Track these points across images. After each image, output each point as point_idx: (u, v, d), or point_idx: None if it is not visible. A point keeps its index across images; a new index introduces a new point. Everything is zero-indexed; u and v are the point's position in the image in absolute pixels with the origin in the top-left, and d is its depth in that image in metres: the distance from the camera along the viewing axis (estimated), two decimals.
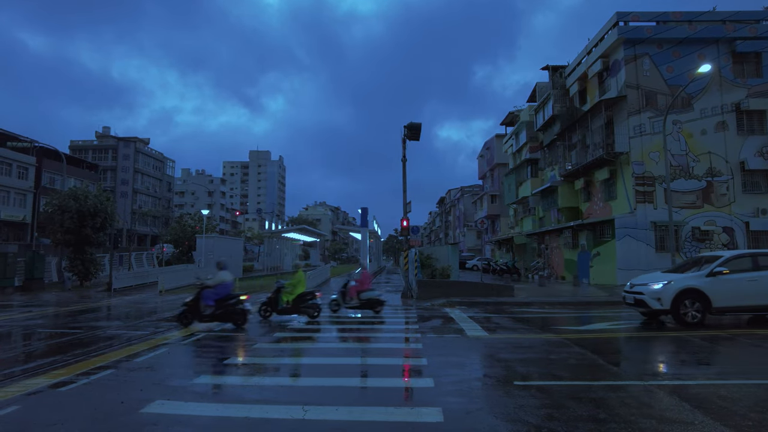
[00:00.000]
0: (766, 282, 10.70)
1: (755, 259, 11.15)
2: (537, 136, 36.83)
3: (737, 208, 23.66)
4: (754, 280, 10.72)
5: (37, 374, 6.58)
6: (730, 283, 10.73)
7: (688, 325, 10.61)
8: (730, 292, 10.71)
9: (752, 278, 10.75)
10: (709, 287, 10.69)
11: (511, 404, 5.13)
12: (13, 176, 45.46)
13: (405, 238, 20.52)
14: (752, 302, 10.75)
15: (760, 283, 10.70)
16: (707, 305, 10.69)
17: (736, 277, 10.77)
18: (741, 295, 10.73)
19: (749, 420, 4.60)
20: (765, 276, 10.77)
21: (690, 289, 10.76)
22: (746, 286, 10.70)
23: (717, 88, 24.23)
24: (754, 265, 10.99)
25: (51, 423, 4.64)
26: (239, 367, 7.09)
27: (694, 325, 10.59)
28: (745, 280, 10.73)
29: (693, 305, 10.72)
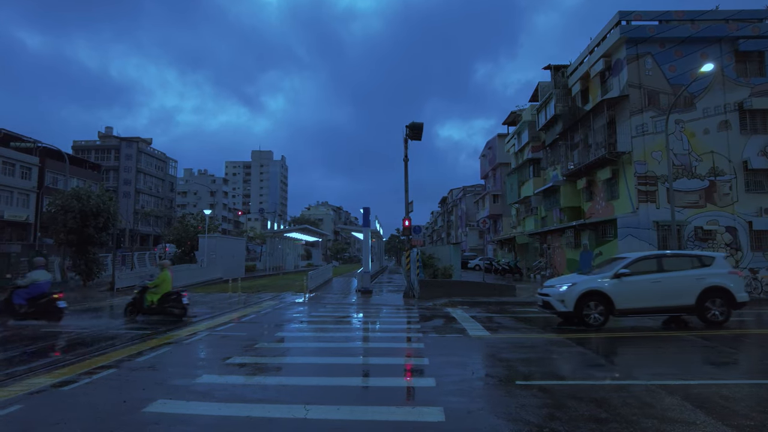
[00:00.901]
0: (668, 283, 10.65)
1: (660, 260, 11.13)
2: (539, 136, 36.78)
3: (740, 208, 23.58)
4: (658, 282, 10.67)
5: (39, 373, 6.60)
6: (633, 284, 10.68)
7: (591, 327, 10.56)
8: (633, 293, 10.63)
9: (655, 280, 10.69)
10: (612, 289, 10.63)
11: (512, 404, 5.13)
12: (17, 176, 45.61)
13: (407, 238, 20.52)
14: (654, 303, 10.67)
15: (662, 284, 10.65)
16: (610, 307, 10.63)
17: (639, 278, 10.71)
18: (643, 297, 10.65)
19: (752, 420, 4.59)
20: (668, 277, 10.74)
21: (593, 291, 10.70)
22: (649, 288, 10.63)
23: (720, 87, 24.15)
24: (659, 266, 10.97)
25: (53, 422, 4.66)
26: (241, 367, 7.10)
27: (596, 326, 10.54)
28: (648, 281, 10.68)
29: (596, 307, 10.65)
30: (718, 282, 10.55)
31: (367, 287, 20.52)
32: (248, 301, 17.51)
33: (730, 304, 10.58)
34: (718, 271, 10.76)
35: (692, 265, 10.97)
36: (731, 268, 10.94)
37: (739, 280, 10.81)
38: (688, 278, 10.64)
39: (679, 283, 10.62)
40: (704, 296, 10.52)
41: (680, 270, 10.86)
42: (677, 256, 11.44)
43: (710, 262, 10.99)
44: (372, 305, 16.17)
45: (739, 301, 10.62)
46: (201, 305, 16.52)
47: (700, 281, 10.57)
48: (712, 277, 10.62)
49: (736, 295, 10.56)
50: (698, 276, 10.67)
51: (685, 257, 11.38)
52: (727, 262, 11.08)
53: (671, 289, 10.58)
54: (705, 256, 11.31)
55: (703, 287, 10.51)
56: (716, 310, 10.53)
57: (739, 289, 10.66)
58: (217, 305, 16.37)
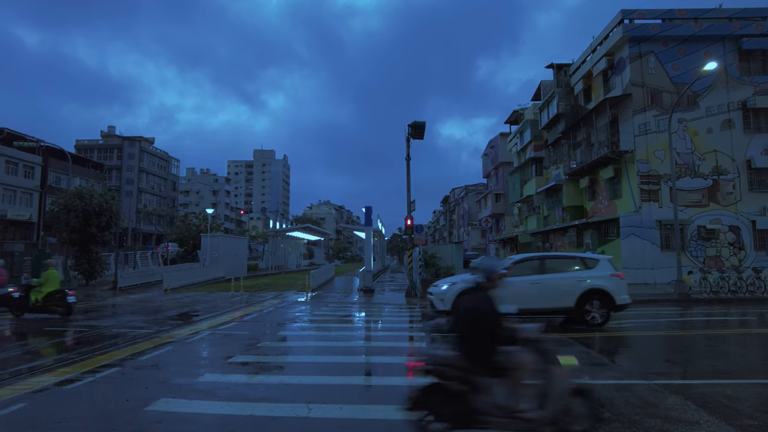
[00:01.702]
0: (548, 285, 10.59)
1: (542, 262, 11.12)
2: (541, 135, 36.72)
3: (743, 207, 23.51)
4: (538, 283, 10.61)
5: (43, 372, 6.63)
6: (513, 286, 10.46)
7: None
8: (512, 295, 10.55)
9: (535, 281, 10.65)
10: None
11: None
12: (20, 175, 45.73)
13: (409, 237, 20.52)
14: (534, 305, 10.51)
15: (542, 286, 10.58)
16: None
17: (519, 279, 10.57)
18: (522, 298, 10.42)
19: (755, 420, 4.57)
20: (548, 279, 10.69)
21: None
22: (528, 289, 10.54)
23: (723, 85, 24.07)
24: (541, 268, 10.95)
25: (57, 420, 4.67)
26: (244, 366, 7.11)
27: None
28: (528, 282, 10.60)
29: None
30: (599, 284, 10.45)
31: (369, 286, 20.53)
32: (250, 300, 17.54)
33: (610, 306, 10.48)
34: (600, 274, 10.64)
35: (575, 267, 10.95)
36: (614, 271, 10.81)
37: (620, 283, 10.63)
38: (568, 280, 10.62)
39: (559, 285, 10.60)
40: (584, 298, 10.43)
41: (562, 272, 10.86)
42: (560, 258, 11.53)
43: (593, 264, 10.86)
44: (374, 304, 16.18)
45: (619, 303, 10.47)
46: (203, 304, 16.56)
47: (580, 283, 10.51)
48: (593, 280, 10.54)
49: (616, 297, 10.42)
50: (579, 278, 10.61)
51: (568, 259, 11.42)
52: (610, 264, 10.95)
53: (551, 290, 10.55)
54: (588, 258, 11.23)
55: (583, 289, 10.42)
56: (595, 312, 10.45)
57: (619, 292, 10.49)
58: (219, 304, 16.41)
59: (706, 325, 11.42)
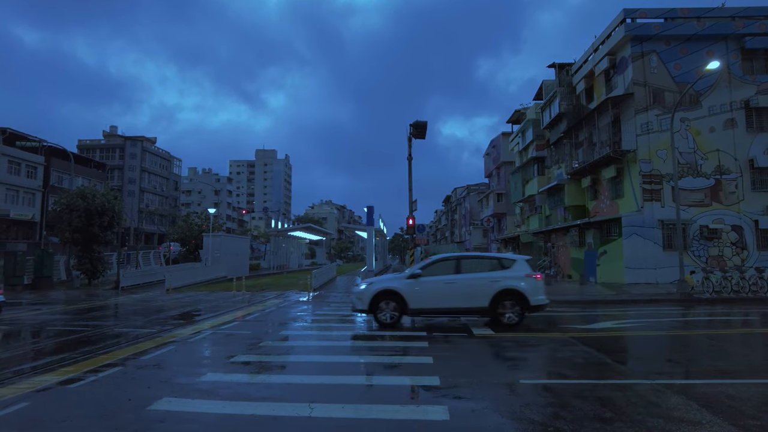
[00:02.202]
0: (463, 285, 10.65)
1: (459, 262, 11.15)
2: (543, 134, 36.67)
3: (746, 206, 23.44)
4: (451, 283, 10.68)
5: (46, 371, 6.65)
6: (428, 285, 10.74)
7: (385, 326, 10.64)
8: (426, 294, 10.68)
9: (450, 281, 10.71)
10: (406, 289, 10.71)
11: (516, 403, 5.12)
12: (22, 175, 45.86)
13: (411, 237, 20.52)
14: (448, 304, 10.68)
15: (457, 285, 10.65)
16: (404, 306, 10.70)
17: (434, 279, 10.76)
18: (436, 297, 10.70)
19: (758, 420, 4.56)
20: (461, 279, 10.74)
21: (388, 291, 10.79)
22: (442, 289, 10.65)
23: (726, 85, 24.00)
24: (457, 268, 10.98)
25: (60, 419, 4.69)
26: (246, 365, 7.12)
27: (390, 325, 10.63)
28: (442, 282, 10.70)
29: (389, 306, 10.72)
30: (513, 285, 10.51)
31: None
32: (252, 300, 17.57)
33: (524, 306, 10.55)
34: (515, 274, 10.69)
35: (491, 267, 10.96)
36: (530, 271, 10.83)
37: (535, 283, 10.68)
38: (483, 280, 10.66)
39: (473, 285, 10.64)
40: (498, 299, 10.50)
41: (477, 272, 10.89)
42: (477, 258, 11.59)
43: (510, 265, 10.91)
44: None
45: (533, 304, 10.53)
46: (205, 303, 16.59)
47: (494, 284, 10.55)
48: (507, 280, 10.58)
49: (530, 298, 10.48)
50: (493, 278, 10.65)
51: (485, 259, 11.44)
52: (527, 265, 10.97)
53: (466, 290, 10.61)
54: (505, 258, 11.26)
55: (497, 290, 10.49)
56: (509, 312, 10.53)
57: (533, 292, 10.54)
58: (221, 304, 16.43)
59: (709, 324, 11.39)
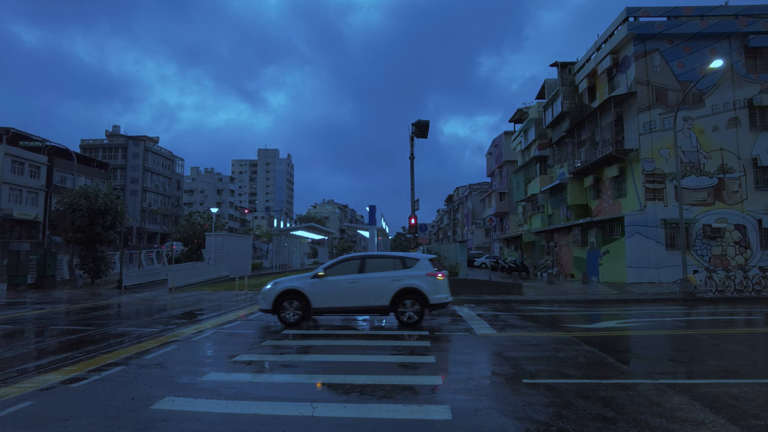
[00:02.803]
0: (365, 284, 10.76)
1: (363, 262, 11.24)
2: (546, 134, 36.61)
3: (749, 206, 23.37)
4: (354, 282, 10.80)
5: (49, 370, 6.68)
6: (331, 284, 10.88)
7: (289, 325, 10.74)
8: (329, 293, 10.83)
9: (352, 280, 10.83)
10: (310, 288, 10.85)
11: (519, 402, 5.12)
12: (26, 175, 46.04)
13: (413, 236, 20.51)
14: (351, 303, 10.80)
15: (359, 285, 10.77)
16: (307, 306, 10.81)
17: (337, 279, 10.90)
18: (340, 297, 10.83)
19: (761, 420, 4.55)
20: (364, 278, 10.84)
21: (292, 290, 10.91)
22: (345, 288, 10.79)
23: (729, 83, 23.92)
24: (360, 268, 11.06)
25: (63, 418, 4.71)
26: (248, 364, 7.13)
27: (293, 324, 10.75)
28: (345, 282, 10.83)
29: (292, 305, 10.84)
30: (413, 284, 10.61)
31: None
32: (255, 299, 17.58)
33: (424, 305, 10.63)
34: (416, 273, 10.77)
35: (394, 267, 11.03)
36: (432, 270, 10.87)
37: (436, 282, 10.74)
38: (384, 279, 10.75)
39: (375, 284, 10.75)
40: (398, 297, 10.61)
41: (380, 271, 10.97)
42: (381, 258, 11.66)
43: (412, 264, 10.98)
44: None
45: (432, 302, 10.61)
46: (207, 303, 16.62)
47: (396, 283, 10.65)
48: (408, 279, 10.68)
49: (430, 296, 10.57)
50: (395, 277, 10.74)
51: (389, 259, 11.49)
52: (430, 264, 11.02)
53: (367, 289, 10.72)
54: (408, 258, 11.30)
55: (398, 288, 10.59)
56: (409, 311, 10.63)
57: (433, 291, 10.62)
58: (223, 303, 16.46)
59: (712, 324, 11.36)
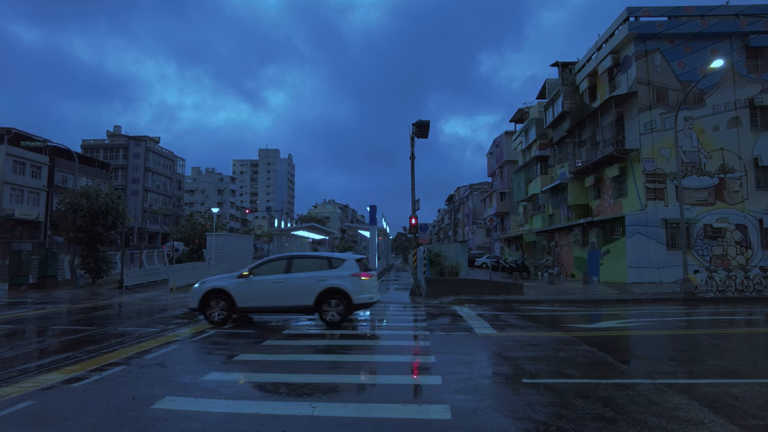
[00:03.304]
0: (290, 284, 10.86)
1: (289, 262, 11.35)
2: (546, 133, 36.60)
3: (750, 205, 23.34)
4: (279, 282, 10.90)
5: (50, 370, 6.69)
6: (257, 284, 10.98)
7: (215, 324, 10.87)
8: (255, 293, 10.94)
9: (278, 280, 10.93)
10: (235, 288, 10.94)
11: (519, 402, 5.13)
12: (27, 175, 46.11)
13: (414, 236, 20.51)
14: (276, 303, 10.91)
15: (284, 285, 10.87)
16: (233, 305, 10.91)
17: (262, 278, 10.99)
18: (265, 296, 10.94)
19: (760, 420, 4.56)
20: (289, 278, 10.94)
21: (218, 290, 11.01)
22: (270, 288, 10.88)
23: (730, 83, 23.90)
24: (287, 268, 11.16)
25: (65, 418, 4.73)
26: (249, 364, 7.15)
27: (219, 323, 10.89)
28: (271, 281, 10.93)
29: (218, 305, 10.96)
30: (337, 284, 10.73)
31: None
32: None
33: (348, 305, 10.72)
34: (341, 274, 10.89)
35: (320, 267, 11.15)
36: (357, 270, 10.97)
37: (360, 283, 10.85)
38: (309, 279, 10.87)
39: (299, 284, 10.87)
40: (322, 297, 10.73)
41: (305, 272, 11.08)
42: (307, 258, 11.79)
43: (338, 264, 11.11)
44: (379, 303, 16.18)
45: (356, 302, 10.73)
46: None
47: (320, 283, 10.77)
48: (333, 279, 10.80)
49: (353, 296, 10.69)
50: (320, 278, 10.86)
51: (315, 259, 11.65)
52: (356, 264, 11.13)
53: (292, 289, 10.84)
54: (334, 258, 11.45)
55: (322, 288, 10.71)
56: (333, 311, 10.74)
57: (357, 291, 10.75)
58: None
59: (712, 324, 11.36)
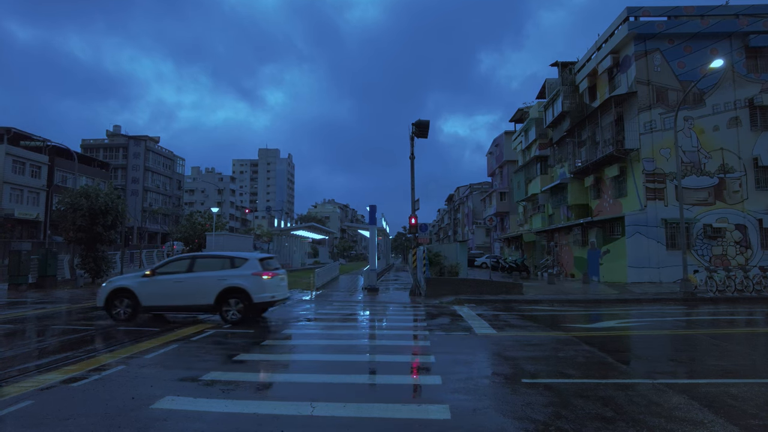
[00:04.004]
0: (191, 283, 10.99)
1: (192, 261, 11.46)
2: (546, 133, 36.59)
3: (750, 205, 23.34)
4: (181, 282, 11.06)
5: (49, 370, 6.69)
6: (160, 284, 11.14)
7: (120, 322, 11.01)
8: (158, 292, 11.09)
9: (179, 279, 11.09)
10: (139, 287, 11.13)
11: (518, 402, 5.13)
12: (27, 175, 46.08)
13: (413, 236, 20.50)
14: (177, 302, 11.07)
15: (186, 284, 11.01)
16: (137, 304, 11.09)
17: (165, 278, 11.16)
18: (167, 295, 11.09)
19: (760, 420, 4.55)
20: (191, 277, 11.08)
21: (122, 289, 11.22)
22: (172, 287, 11.04)
23: (730, 83, 23.89)
24: (190, 267, 11.30)
25: (64, 418, 4.72)
26: (249, 364, 7.14)
27: (124, 321, 11.07)
28: (173, 281, 11.09)
29: (122, 303, 11.16)
30: (237, 283, 10.87)
31: (374, 285, 20.54)
32: None
33: (248, 304, 10.86)
34: (242, 273, 11.02)
35: (222, 266, 11.26)
36: (259, 270, 11.10)
37: (260, 281, 10.99)
38: (210, 279, 11.01)
39: (201, 283, 11.00)
40: (223, 296, 10.86)
41: (208, 271, 11.22)
42: (210, 258, 11.90)
43: (241, 264, 11.22)
44: (378, 303, 16.20)
45: (256, 301, 10.87)
46: None
47: (221, 282, 10.90)
48: (233, 278, 10.93)
49: (253, 295, 10.83)
50: (221, 277, 10.99)
51: (218, 258, 11.69)
52: (258, 263, 11.25)
53: (193, 288, 10.98)
54: (237, 257, 11.49)
55: (222, 287, 10.85)
56: (233, 309, 10.88)
57: (258, 290, 10.88)
58: None
59: (712, 324, 11.36)
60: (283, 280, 12.05)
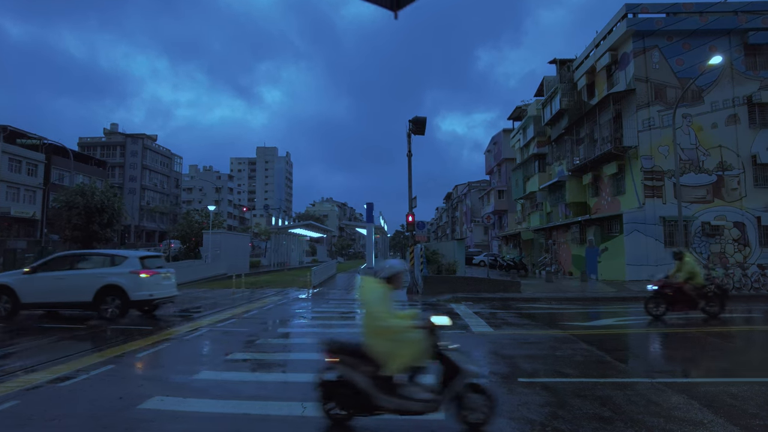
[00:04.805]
0: (71, 280, 11.15)
1: (74, 258, 11.76)
2: (544, 131, 36.51)
3: (748, 203, 23.28)
4: (61, 279, 11.21)
5: (36, 369, 6.57)
6: (39, 280, 11.30)
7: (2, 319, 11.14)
8: (38, 289, 11.25)
9: (60, 277, 11.25)
10: (19, 284, 11.31)
11: (515, 402, 5.04)
12: (23, 173, 45.84)
13: (411, 234, 20.40)
14: (58, 299, 11.20)
15: (66, 281, 11.16)
16: (17, 300, 11.25)
17: (45, 275, 11.33)
18: (48, 292, 11.24)
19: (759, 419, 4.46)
20: (71, 275, 11.26)
21: (2, 285, 11.39)
22: (53, 284, 11.19)
23: (728, 80, 23.80)
24: (71, 264, 11.57)
25: (50, 418, 4.62)
26: (241, 363, 7.04)
27: (4, 318, 11.11)
28: (54, 278, 11.25)
29: (1, 300, 11.34)
30: (115, 281, 11.02)
31: None
32: (252, 297, 17.50)
33: (126, 302, 11.02)
34: (120, 271, 11.16)
35: (102, 264, 11.48)
36: (138, 268, 11.25)
37: (138, 280, 11.10)
38: (89, 276, 11.17)
39: (80, 280, 11.13)
40: (101, 294, 10.98)
41: (88, 268, 11.45)
42: (92, 256, 12.05)
43: (120, 261, 11.39)
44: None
45: (133, 299, 11.03)
46: (204, 300, 16.51)
47: (100, 279, 11.06)
48: (111, 276, 11.09)
49: (131, 293, 10.99)
50: (100, 274, 11.15)
51: (99, 256, 11.88)
52: (138, 262, 11.39)
53: (73, 285, 11.10)
54: (117, 255, 11.67)
55: (100, 285, 10.99)
56: (111, 307, 10.99)
57: (135, 288, 11.04)
58: (220, 301, 16.36)
59: (710, 322, 11.28)
60: (166, 279, 12.12)
